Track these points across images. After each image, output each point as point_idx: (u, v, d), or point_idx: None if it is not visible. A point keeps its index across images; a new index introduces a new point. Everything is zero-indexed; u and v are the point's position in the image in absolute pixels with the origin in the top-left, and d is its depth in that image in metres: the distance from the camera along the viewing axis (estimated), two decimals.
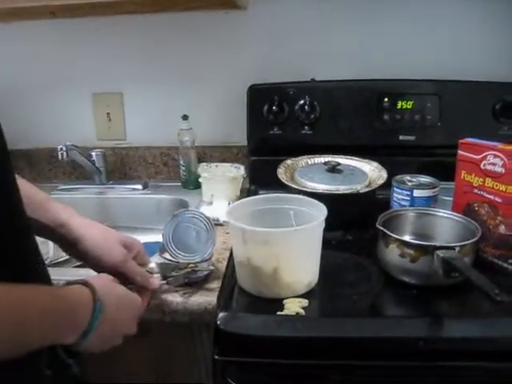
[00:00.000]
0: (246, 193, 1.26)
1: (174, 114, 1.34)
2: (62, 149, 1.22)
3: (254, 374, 0.72)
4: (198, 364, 0.90)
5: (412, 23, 1.27)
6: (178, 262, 0.84)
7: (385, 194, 1.06)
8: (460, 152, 0.91)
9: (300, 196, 0.86)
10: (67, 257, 1.05)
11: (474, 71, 1.21)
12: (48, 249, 1.06)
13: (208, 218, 0.87)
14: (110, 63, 1.40)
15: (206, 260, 0.85)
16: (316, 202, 0.82)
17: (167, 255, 0.85)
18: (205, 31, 1.34)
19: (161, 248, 0.87)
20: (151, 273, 0.81)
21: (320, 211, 0.79)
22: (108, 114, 1.44)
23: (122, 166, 1.47)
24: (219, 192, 1.19)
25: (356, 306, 0.77)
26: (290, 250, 0.75)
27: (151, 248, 0.93)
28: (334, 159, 1.16)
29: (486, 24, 1.26)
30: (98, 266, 0.75)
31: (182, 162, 1.37)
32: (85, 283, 0.61)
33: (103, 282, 0.65)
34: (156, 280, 0.80)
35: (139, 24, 1.35)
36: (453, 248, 0.76)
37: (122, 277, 0.74)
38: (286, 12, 1.31)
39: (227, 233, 1.03)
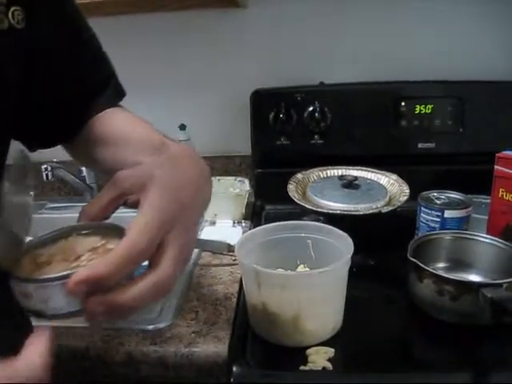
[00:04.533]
0: (251, 209, 1.16)
1: (171, 124, 1.22)
2: (46, 168, 1.09)
3: None
4: None
5: (430, 21, 1.16)
6: None
7: (406, 207, 0.95)
8: (497, 167, 0.81)
9: (319, 224, 0.75)
10: None
11: (499, 71, 1.11)
12: None
13: None
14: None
15: None
16: (339, 232, 0.71)
17: None
18: (202, 32, 1.23)
19: None
20: None
21: (344, 242, 0.68)
22: None
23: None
24: (223, 210, 1.09)
25: (388, 354, 0.67)
26: (313, 295, 0.64)
27: None
28: (348, 171, 1.06)
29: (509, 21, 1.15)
30: None
31: None
32: None
33: None
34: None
35: (129, 26, 1.23)
36: (500, 285, 0.66)
37: None
38: (290, 9, 1.19)
39: (234, 259, 0.92)
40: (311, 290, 0.63)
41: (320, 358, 0.63)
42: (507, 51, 1.16)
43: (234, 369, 0.63)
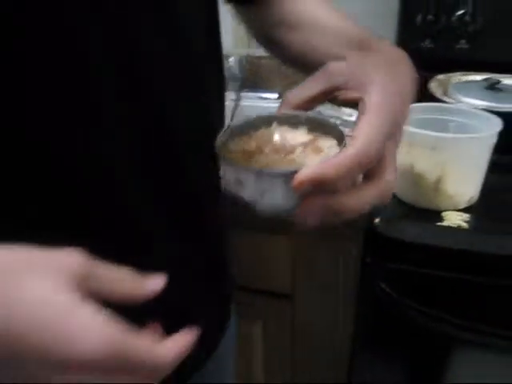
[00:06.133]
0: None
1: None
2: None
3: (404, 283, 0.72)
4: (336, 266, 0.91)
5: None
6: None
7: None
8: None
9: (465, 107, 0.81)
10: None
11: None
12: None
13: None
14: None
15: None
16: (487, 113, 0.76)
17: None
18: None
19: None
20: None
21: (492, 123, 0.73)
22: None
23: (256, 75, 1.46)
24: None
25: None
26: (459, 159, 0.71)
27: None
28: (493, 76, 1.07)
29: None
30: None
31: None
32: None
33: None
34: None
35: None
36: None
37: None
38: None
39: None
40: (458, 154, 0.70)
41: (456, 219, 0.71)
42: None
43: (378, 218, 0.73)
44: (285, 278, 0.93)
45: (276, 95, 1.39)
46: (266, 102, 1.39)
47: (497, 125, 0.72)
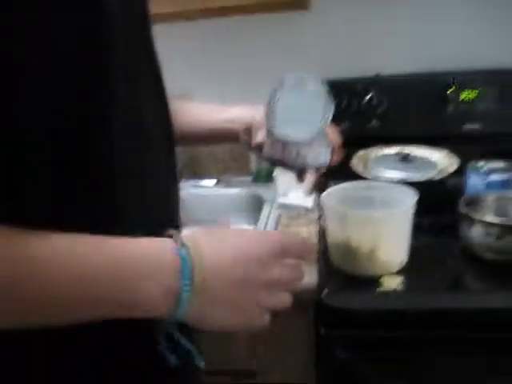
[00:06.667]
0: (317, 184, 1.34)
1: None
2: None
3: (358, 347, 0.79)
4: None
5: (473, 18, 1.33)
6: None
7: (455, 181, 1.11)
8: None
9: (389, 183, 0.93)
10: None
11: None
12: None
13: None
14: (180, 66, 1.49)
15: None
16: (404, 187, 0.89)
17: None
18: (272, 32, 1.43)
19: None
20: None
21: (409, 195, 0.85)
22: None
23: (192, 163, 1.56)
24: (295, 184, 1.27)
25: (443, 282, 0.85)
26: (388, 230, 0.82)
27: None
28: (403, 149, 1.23)
29: None
30: None
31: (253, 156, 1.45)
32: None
33: (199, 231, 0.47)
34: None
35: (210, 29, 1.44)
36: None
37: None
38: (348, 10, 1.37)
39: (309, 221, 1.11)
40: (386, 227, 0.81)
41: (392, 283, 0.81)
42: None
43: (324, 291, 0.81)
44: (246, 357, 0.98)
45: (214, 181, 1.48)
46: (204, 189, 1.47)
47: (414, 195, 0.84)
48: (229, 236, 0.48)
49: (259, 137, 0.75)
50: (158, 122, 0.57)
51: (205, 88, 1.50)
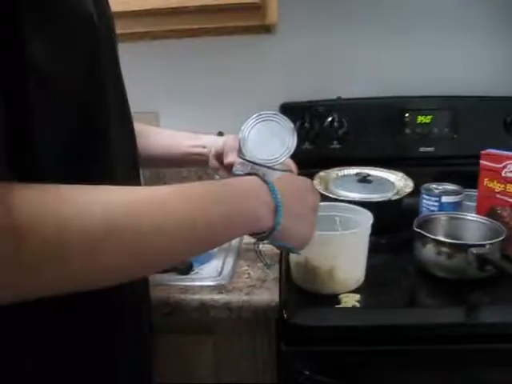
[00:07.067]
0: None
1: (211, 130, 1.45)
2: None
3: (319, 363, 0.82)
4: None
5: (431, 46, 1.40)
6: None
7: (410, 201, 1.17)
8: (482, 162, 1.03)
9: (347, 204, 0.97)
10: None
11: (487, 87, 1.34)
12: None
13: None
14: (146, 84, 1.51)
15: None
16: (362, 209, 0.93)
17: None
18: (237, 54, 1.46)
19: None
20: None
21: (366, 217, 0.90)
22: None
23: (157, 182, 1.57)
24: None
25: (399, 300, 0.89)
26: (346, 250, 0.86)
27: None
28: (363, 171, 1.28)
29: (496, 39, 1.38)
30: None
31: (217, 178, 1.47)
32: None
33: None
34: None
35: (175, 48, 1.46)
36: (484, 245, 0.87)
37: None
38: (310, 35, 1.43)
39: None
40: (345, 247, 0.85)
41: (351, 300, 0.85)
42: (492, 69, 1.39)
43: (286, 308, 0.84)
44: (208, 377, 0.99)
45: None
46: None
47: (370, 217, 0.89)
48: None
49: (230, 157, 0.92)
50: (124, 147, 0.59)
51: (167, 107, 1.53)
